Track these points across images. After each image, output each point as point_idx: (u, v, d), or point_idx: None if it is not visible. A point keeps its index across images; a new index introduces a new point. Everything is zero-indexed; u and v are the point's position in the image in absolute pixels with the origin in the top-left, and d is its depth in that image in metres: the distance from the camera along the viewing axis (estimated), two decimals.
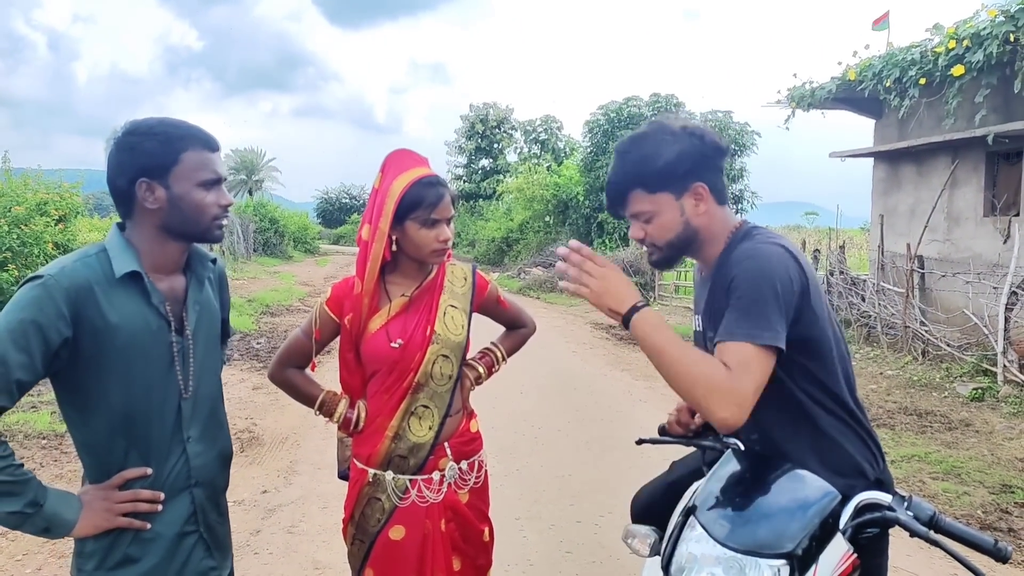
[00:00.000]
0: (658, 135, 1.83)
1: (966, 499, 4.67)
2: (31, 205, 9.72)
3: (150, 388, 1.65)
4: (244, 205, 34.82)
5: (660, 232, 1.84)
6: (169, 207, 1.64)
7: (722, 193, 1.87)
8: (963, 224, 9.50)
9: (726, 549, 1.59)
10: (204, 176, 1.67)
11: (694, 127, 1.84)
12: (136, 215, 1.67)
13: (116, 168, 1.65)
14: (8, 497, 1.52)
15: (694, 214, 1.82)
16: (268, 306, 14.57)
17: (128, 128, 1.66)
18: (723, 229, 1.86)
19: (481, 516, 2.25)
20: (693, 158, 1.79)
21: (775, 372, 1.76)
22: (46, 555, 3.91)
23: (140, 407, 1.64)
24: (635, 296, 1.73)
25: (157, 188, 1.63)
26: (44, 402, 6.88)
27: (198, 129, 1.70)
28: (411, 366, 2.08)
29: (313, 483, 4.97)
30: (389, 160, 2.14)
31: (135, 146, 1.63)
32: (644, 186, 1.81)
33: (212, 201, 1.68)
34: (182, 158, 1.64)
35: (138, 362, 1.63)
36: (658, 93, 23.45)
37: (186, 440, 1.72)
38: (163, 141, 1.64)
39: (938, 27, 8.97)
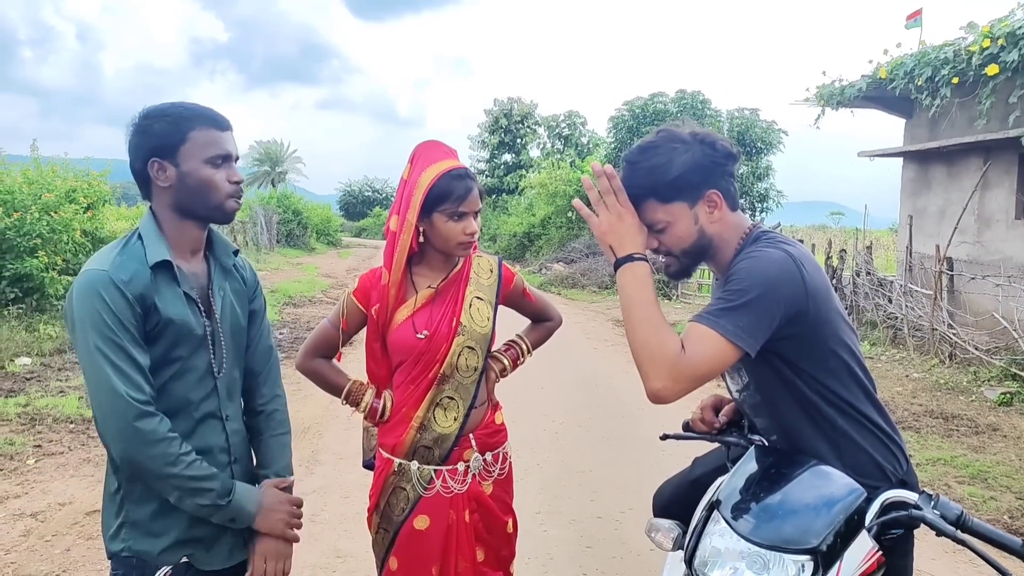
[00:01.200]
0: (668, 144, 1.81)
1: (992, 504, 4.61)
2: (60, 193, 9.86)
3: (190, 369, 1.72)
4: (268, 196, 35.10)
5: (675, 241, 1.83)
6: (179, 185, 1.70)
7: (734, 198, 1.86)
8: (994, 226, 9.36)
9: (750, 544, 1.60)
10: (211, 152, 1.71)
11: (704, 134, 1.83)
12: (154, 195, 1.74)
13: (133, 151, 1.72)
14: (202, 493, 1.66)
15: (708, 221, 1.82)
16: (291, 297, 14.69)
17: (143, 113, 1.73)
18: (735, 234, 1.86)
19: (505, 508, 2.26)
20: (705, 166, 1.79)
21: (786, 374, 1.76)
22: (74, 536, 3.98)
23: (184, 388, 1.72)
24: (638, 245, 1.75)
25: (168, 166, 1.69)
26: (72, 387, 6.99)
27: (207, 109, 1.76)
28: (437, 357, 2.10)
29: (335, 472, 5.01)
30: (418, 151, 2.15)
31: (147, 128, 1.70)
32: (657, 196, 1.80)
33: (221, 178, 1.73)
34: (190, 136, 1.69)
35: (181, 344, 1.70)
36: (684, 89, 23.29)
37: (224, 419, 1.80)
38: (172, 121, 1.70)
39: (972, 26, 8.83)
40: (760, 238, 1.81)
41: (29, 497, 4.52)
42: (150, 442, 1.58)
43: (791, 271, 1.68)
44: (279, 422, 1.98)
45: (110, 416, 1.58)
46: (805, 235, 22.74)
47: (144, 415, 1.58)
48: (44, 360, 8.03)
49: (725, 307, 1.65)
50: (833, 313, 1.77)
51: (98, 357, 1.57)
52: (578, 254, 22.09)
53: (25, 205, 9.12)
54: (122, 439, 1.58)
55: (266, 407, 1.96)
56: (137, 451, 1.59)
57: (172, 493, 1.65)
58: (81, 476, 4.89)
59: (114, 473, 1.71)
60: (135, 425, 1.57)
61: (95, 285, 1.60)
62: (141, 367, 1.61)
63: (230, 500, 1.70)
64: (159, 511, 1.69)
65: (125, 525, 1.69)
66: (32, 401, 6.42)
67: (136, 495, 1.69)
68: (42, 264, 8.91)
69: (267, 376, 1.98)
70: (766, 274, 1.67)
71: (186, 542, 1.72)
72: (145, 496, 1.69)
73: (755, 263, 1.70)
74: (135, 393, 1.58)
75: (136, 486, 1.69)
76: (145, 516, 1.69)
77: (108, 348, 1.58)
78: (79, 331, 1.60)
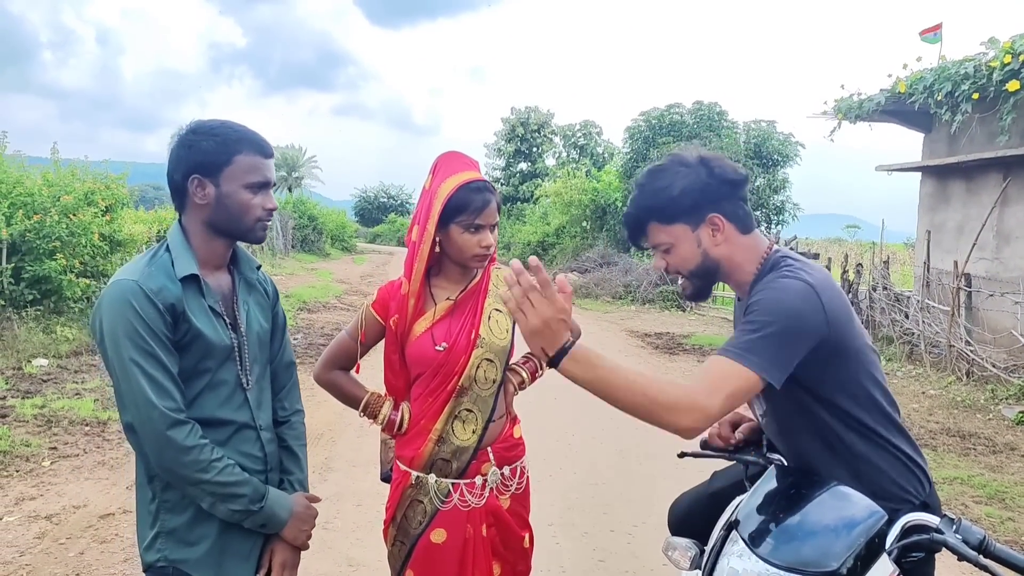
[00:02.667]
0: (673, 167, 1.85)
1: (1010, 525, 4.56)
2: (79, 195, 9.93)
3: (220, 382, 1.76)
4: (284, 202, 35.29)
5: (680, 262, 1.87)
6: (216, 204, 1.73)
7: (744, 221, 1.86)
8: (1013, 243, 9.28)
9: (769, 565, 1.58)
10: (253, 179, 1.74)
11: (711, 158, 1.85)
12: (188, 209, 1.76)
13: (174, 163, 1.74)
14: (235, 498, 1.70)
15: (711, 245, 1.83)
16: (305, 302, 14.74)
17: (191, 127, 1.76)
18: (752, 257, 1.86)
19: (522, 522, 2.25)
20: (706, 190, 1.81)
21: (804, 401, 1.76)
22: (88, 540, 3.99)
23: (216, 400, 1.75)
24: (564, 335, 1.58)
25: (208, 185, 1.72)
26: (88, 389, 7.04)
27: (255, 134, 1.79)
28: (455, 370, 2.09)
29: (348, 480, 5.01)
30: (440, 161, 2.15)
31: (193, 144, 1.72)
32: (659, 218, 1.85)
33: (258, 203, 1.76)
34: (235, 159, 1.72)
35: (209, 356, 1.73)
36: (701, 101, 23.25)
37: (259, 429, 1.83)
38: (220, 142, 1.72)
39: (993, 41, 8.78)
40: (779, 264, 1.81)
41: (44, 499, 4.54)
42: (183, 449, 1.61)
43: (812, 301, 1.68)
44: (300, 433, 2.02)
45: (146, 426, 1.61)
46: (821, 248, 22.62)
47: (176, 424, 1.61)
48: (61, 362, 8.09)
49: (750, 339, 1.65)
50: (854, 339, 1.76)
51: (132, 368, 1.60)
52: (592, 264, 22.06)
53: (45, 207, 9.20)
54: (157, 448, 1.62)
55: (290, 418, 2.00)
56: (171, 459, 1.62)
57: (205, 499, 1.67)
58: (96, 479, 4.92)
59: (148, 484, 1.73)
60: (167, 434, 1.60)
61: (126, 295, 1.62)
62: (172, 375, 1.64)
63: (263, 506, 1.73)
64: (194, 519, 1.71)
65: (161, 535, 1.71)
66: (48, 403, 6.46)
67: (172, 503, 1.71)
68: (60, 267, 8.98)
69: (288, 392, 2.02)
70: (789, 306, 1.67)
71: (220, 551, 1.73)
72: (180, 505, 1.71)
73: (776, 294, 1.70)
74: (167, 402, 1.61)
75: (171, 495, 1.71)
76: (181, 524, 1.71)
77: (141, 358, 1.60)
78: (110, 342, 1.62)
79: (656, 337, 12.67)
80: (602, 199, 25.03)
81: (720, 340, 12.25)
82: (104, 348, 1.64)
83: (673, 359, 10.64)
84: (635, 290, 18.46)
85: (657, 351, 11.27)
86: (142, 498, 1.75)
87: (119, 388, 1.64)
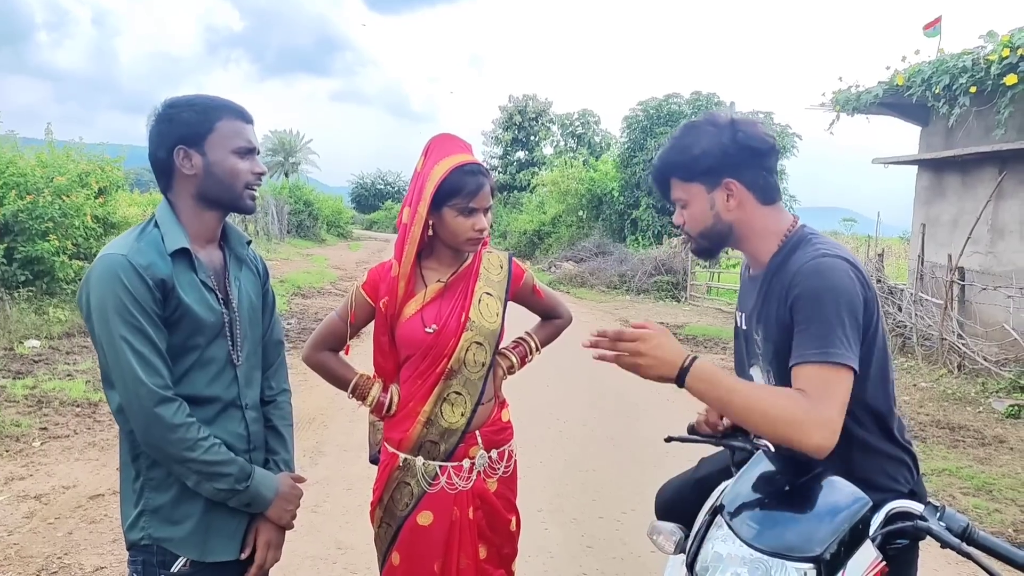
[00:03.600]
0: (703, 126, 1.84)
1: (997, 516, 4.58)
2: (72, 176, 9.89)
3: (210, 359, 1.74)
4: (280, 187, 35.18)
5: (692, 221, 1.87)
6: (205, 174, 1.72)
7: (766, 191, 1.84)
8: (1007, 237, 9.30)
9: (752, 550, 1.58)
10: (238, 144, 1.74)
11: (741, 123, 1.82)
12: (175, 184, 1.75)
13: (156, 139, 1.73)
14: (220, 477, 1.69)
15: (724, 209, 1.82)
16: (300, 288, 14.73)
17: (167, 103, 1.75)
18: (773, 228, 1.84)
19: (509, 506, 2.25)
20: (723, 153, 1.79)
21: None
22: (77, 520, 3.99)
23: (205, 377, 1.74)
24: (679, 352, 1.65)
25: (194, 155, 1.71)
26: (80, 370, 7.03)
27: (231, 102, 1.79)
28: (444, 352, 2.09)
29: (339, 464, 5.01)
30: (432, 144, 2.14)
31: (173, 117, 1.72)
32: (679, 174, 1.85)
33: (246, 168, 1.75)
34: (217, 126, 1.72)
35: (200, 332, 1.71)
36: (699, 91, 23.24)
37: (244, 407, 1.82)
38: (199, 111, 1.72)
39: (992, 35, 8.77)
40: (809, 240, 1.79)
41: (34, 479, 4.54)
42: (170, 427, 1.61)
43: (857, 278, 1.68)
44: (286, 413, 2.01)
45: (133, 403, 1.60)
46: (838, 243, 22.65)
47: (163, 400, 1.60)
48: (53, 343, 8.08)
49: (816, 337, 1.62)
50: (880, 320, 1.77)
51: (121, 344, 1.59)
52: (588, 253, 22.07)
53: (38, 188, 9.16)
54: (144, 425, 1.61)
55: (276, 398, 1.99)
56: (158, 437, 1.61)
57: (191, 477, 1.67)
58: (86, 460, 4.91)
59: (132, 462, 1.72)
60: (155, 411, 1.59)
61: (114, 269, 1.60)
62: (160, 351, 1.63)
63: (248, 485, 1.73)
64: (179, 497, 1.70)
65: (145, 513, 1.70)
66: (40, 383, 6.46)
67: (156, 481, 1.70)
68: (53, 248, 8.95)
69: (276, 371, 2.01)
70: (839, 289, 1.65)
71: (205, 529, 1.73)
72: (165, 483, 1.70)
73: (823, 280, 1.66)
74: (155, 379, 1.60)
75: (156, 473, 1.70)
76: (165, 503, 1.70)
77: (130, 333, 1.59)
78: (98, 317, 1.60)
79: None
80: (599, 189, 25.02)
81: (714, 331, 12.27)
82: (92, 323, 1.63)
83: None
84: (630, 280, 18.48)
85: None
86: (126, 476, 1.75)
87: (106, 364, 1.63)
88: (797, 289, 1.69)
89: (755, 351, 1.88)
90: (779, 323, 1.75)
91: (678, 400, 7.19)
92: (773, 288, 1.79)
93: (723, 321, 13.83)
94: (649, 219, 22.13)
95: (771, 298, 1.79)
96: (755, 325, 1.87)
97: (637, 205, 22.66)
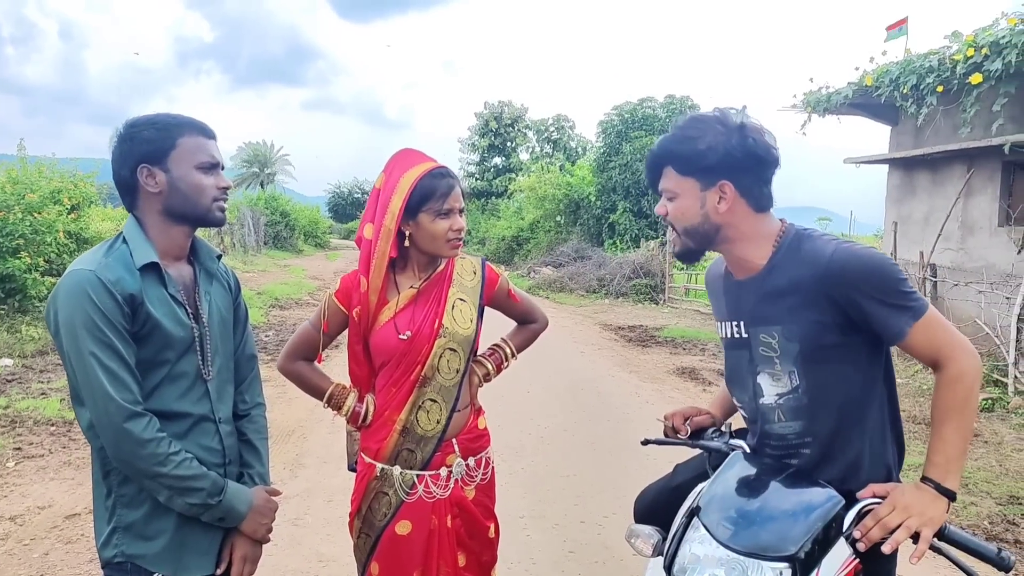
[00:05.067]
0: (711, 122, 1.81)
1: (973, 509, 4.64)
2: (45, 193, 9.78)
3: (180, 373, 1.74)
4: (256, 198, 34.96)
5: (679, 216, 1.84)
6: (170, 190, 1.72)
7: (759, 201, 1.82)
8: (977, 233, 9.44)
9: (729, 551, 1.60)
10: (201, 159, 1.75)
11: (751, 128, 1.79)
12: (141, 203, 1.75)
13: (119, 159, 1.73)
14: (192, 492, 1.67)
15: (714, 210, 1.80)
16: (277, 299, 14.63)
17: (128, 123, 1.76)
18: (765, 233, 1.84)
19: (487, 513, 2.25)
20: (726, 155, 1.76)
21: (847, 371, 1.77)
22: (53, 540, 3.94)
23: (175, 391, 1.73)
24: (933, 494, 1.66)
25: (157, 172, 1.71)
26: (54, 389, 6.93)
27: (192, 119, 1.79)
28: (418, 359, 2.09)
29: (319, 476, 4.98)
30: (393, 160, 2.14)
31: (134, 136, 1.72)
32: (675, 165, 1.82)
33: (211, 183, 1.76)
34: (179, 143, 1.73)
35: (169, 347, 1.71)
36: (673, 95, 23.37)
37: (217, 421, 1.81)
38: (161, 128, 1.73)
39: (956, 35, 8.91)
40: (809, 235, 1.83)
41: (8, 500, 4.47)
42: (140, 442, 1.60)
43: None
44: (261, 426, 2.00)
45: (103, 418, 1.59)
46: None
47: (133, 416, 1.59)
48: (26, 362, 7.96)
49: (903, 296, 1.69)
50: None
51: (90, 360, 1.58)
52: (566, 258, 22.11)
53: (8, 205, 9.04)
54: (114, 440, 1.60)
55: (250, 411, 1.98)
56: (129, 452, 1.60)
57: (162, 493, 1.65)
58: (61, 479, 4.85)
59: (104, 479, 1.71)
60: (124, 427, 1.58)
61: (82, 284, 1.60)
62: (130, 367, 1.62)
63: (221, 499, 1.72)
64: (151, 513, 1.69)
65: (118, 530, 1.69)
66: (13, 403, 6.36)
67: (128, 498, 1.69)
68: (24, 265, 8.83)
69: (249, 385, 2.00)
70: (882, 256, 1.74)
71: (179, 545, 1.71)
72: (137, 499, 1.69)
73: (867, 256, 1.72)
74: (125, 394, 1.59)
75: (128, 489, 1.69)
76: (138, 519, 1.69)
77: (98, 349, 1.58)
78: (66, 333, 1.59)
79: (629, 330, 12.73)
80: (576, 193, 25.09)
81: (693, 333, 12.33)
82: (60, 340, 1.62)
83: (646, 351, 10.69)
84: (609, 284, 18.54)
85: (630, 344, 11.33)
86: (98, 494, 1.73)
87: (75, 380, 1.62)
88: (845, 279, 1.70)
89: (763, 356, 1.84)
90: (807, 318, 1.74)
91: (658, 403, 7.22)
92: (785, 285, 1.78)
93: (701, 322, 13.91)
94: (626, 223, 22.21)
95: (785, 296, 1.77)
96: (763, 329, 1.83)
97: (614, 209, 22.74)
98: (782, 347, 1.79)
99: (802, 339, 1.76)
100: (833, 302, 1.71)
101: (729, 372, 2.01)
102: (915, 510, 1.61)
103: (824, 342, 1.74)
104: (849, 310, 1.70)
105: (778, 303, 1.79)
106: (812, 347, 1.75)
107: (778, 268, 1.80)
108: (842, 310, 1.71)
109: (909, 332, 1.68)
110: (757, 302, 1.84)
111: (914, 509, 1.61)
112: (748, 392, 1.92)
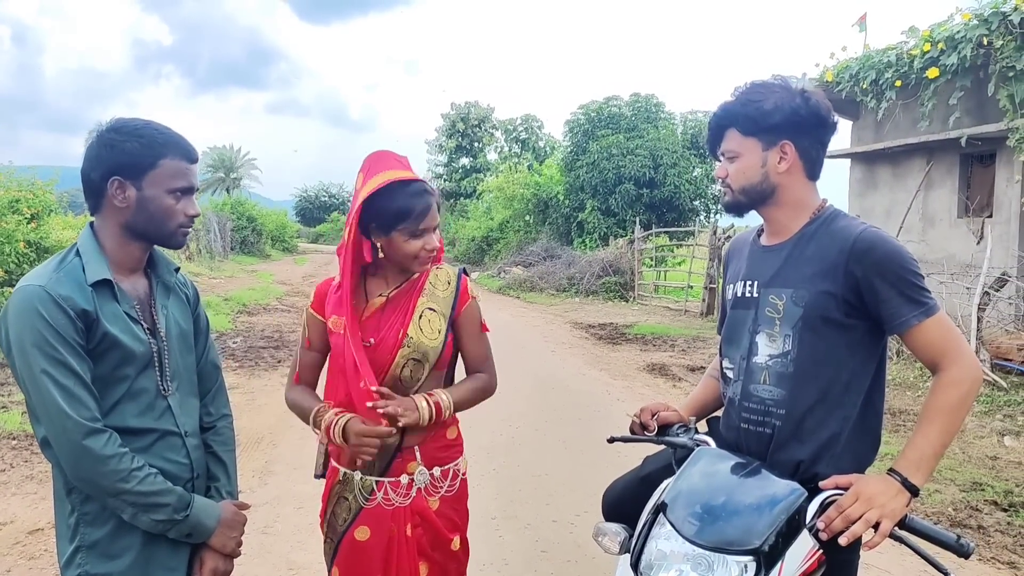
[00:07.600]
0: (774, 86, 1.89)
1: (937, 497, 4.72)
2: (3, 203, 9.59)
3: (140, 390, 1.69)
4: (222, 203, 34.57)
5: (737, 176, 1.90)
6: (136, 208, 1.67)
7: (814, 165, 1.91)
8: (937, 225, 9.62)
9: (694, 546, 1.61)
10: (178, 184, 1.69)
11: (812, 93, 1.88)
12: (104, 210, 1.70)
13: (93, 161, 1.67)
14: (157, 508, 1.63)
15: (774, 170, 1.87)
16: (245, 305, 14.46)
17: (113, 125, 1.69)
18: (808, 202, 1.91)
19: (451, 525, 2.16)
20: (792, 113, 1.83)
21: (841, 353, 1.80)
22: (16, 556, 3.85)
23: (136, 408, 1.68)
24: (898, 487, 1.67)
25: (129, 188, 1.66)
26: (14, 402, 6.78)
27: (181, 138, 1.73)
28: (381, 368, 2.06)
29: (289, 483, 4.93)
30: (368, 161, 2.10)
31: (116, 144, 1.65)
32: (740, 126, 1.88)
33: (180, 209, 1.71)
34: (161, 163, 1.67)
35: (126, 363, 1.66)
36: (638, 93, 23.54)
37: (184, 435, 1.77)
38: (145, 144, 1.66)
39: (913, 30, 9.08)
40: (843, 215, 1.90)
41: None
42: (101, 459, 1.55)
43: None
44: (227, 439, 1.96)
45: (60, 437, 1.55)
46: None
47: (92, 432, 1.55)
48: None
49: (917, 292, 1.74)
50: None
51: (43, 379, 1.53)
52: (536, 257, 22.15)
53: None
54: (73, 459, 1.56)
55: (216, 423, 1.93)
56: (89, 470, 1.56)
57: (126, 510, 1.61)
58: (24, 494, 4.74)
59: (66, 496, 1.66)
60: (83, 444, 1.54)
61: (31, 301, 1.55)
62: (86, 383, 1.58)
63: (187, 514, 1.67)
64: (116, 531, 1.65)
65: (81, 549, 1.65)
66: None
67: (92, 516, 1.64)
68: None
69: (214, 396, 1.96)
70: (903, 248, 1.79)
71: (145, 563, 1.67)
72: (101, 517, 1.64)
73: (891, 243, 1.78)
74: (82, 411, 1.55)
75: (91, 507, 1.64)
76: (103, 537, 1.65)
77: (51, 367, 1.54)
78: (18, 352, 1.55)
79: (600, 328, 12.79)
80: (544, 193, 25.15)
81: (663, 329, 12.42)
82: (12, 359, 1.57)
83: (616, 348, 10.74)
84: (578, 282, 18.61)
85: (601, 342, 11.37)
86: (60, 512, 1.69)
87: (30, 400, 1.58)
88: (869, 257, 1.75)
89: (767, 316, 1.89)
90: (819, 287, 1.80)
91: (627, 400, 7.26)
92: (810, 254, 1.84)
93: (671, 319, 14.02)
94: (595, 221, 22.31)
95: (806, 263, 1.84)
96: (774, 291, 1.89)
97: (583, 208, 22.83)
98: (787, 310, 1.84)
99: (808, 305, 1.81)
100: (850, 276, 1.76)
101: (728, 331, 2.04)
102: (877, 502, 1.63)
103: (827, 315, 1.79)
104: (863, 289, 1.76)
105: (798, 269, 1.85)
106: (814, 316, 1.80)
107: (807, 237, 1.87)
108: (855, 288, 1.76)
109: (916, 326, 1.73)
110: (780, 266, 1.90)
111: (876, 501, 1.63)
112: (743, 350, 1.95)
